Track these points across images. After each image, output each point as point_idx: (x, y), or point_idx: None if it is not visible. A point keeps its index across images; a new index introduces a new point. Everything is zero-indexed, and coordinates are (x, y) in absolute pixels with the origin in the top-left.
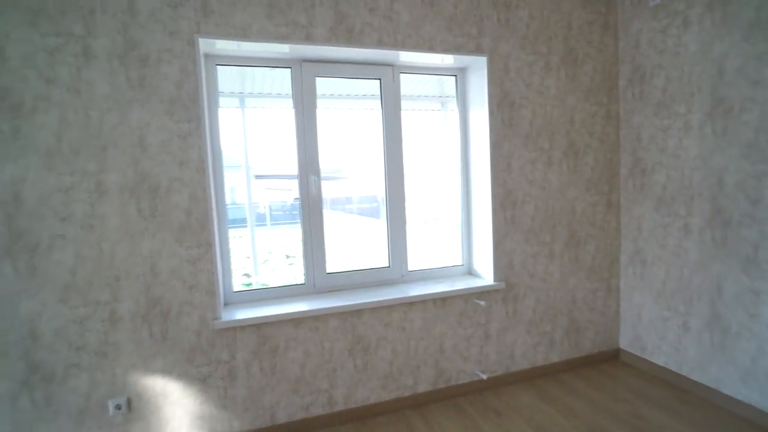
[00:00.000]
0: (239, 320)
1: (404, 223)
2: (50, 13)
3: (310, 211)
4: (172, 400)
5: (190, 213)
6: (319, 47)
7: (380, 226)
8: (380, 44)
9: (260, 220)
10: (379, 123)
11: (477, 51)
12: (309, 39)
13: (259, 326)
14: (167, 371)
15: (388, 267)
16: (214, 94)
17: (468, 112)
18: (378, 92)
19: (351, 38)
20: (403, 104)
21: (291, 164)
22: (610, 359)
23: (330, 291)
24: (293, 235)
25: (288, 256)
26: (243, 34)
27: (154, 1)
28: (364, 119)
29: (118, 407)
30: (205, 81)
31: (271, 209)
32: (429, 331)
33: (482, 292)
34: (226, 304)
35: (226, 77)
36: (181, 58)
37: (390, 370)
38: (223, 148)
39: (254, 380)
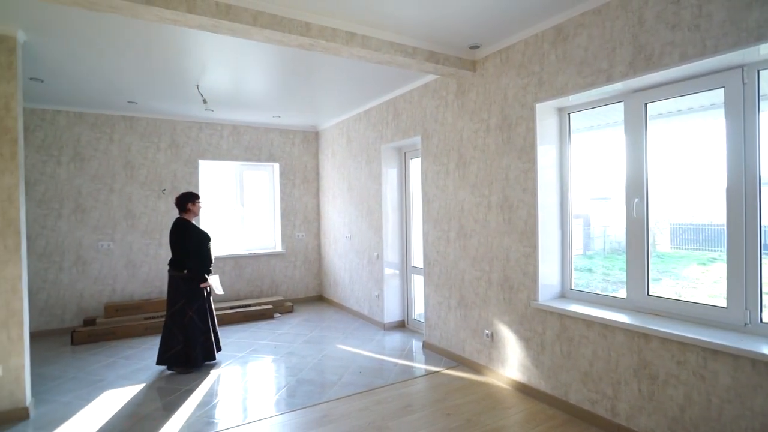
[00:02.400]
0: (546, 306)
1: (757, 257)
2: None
3: (631, 234)
4: (510, 344)
5: (527, 222)
6: (637, 78)
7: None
8: (683, 59)
9: None
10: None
11: None
12: (609, 80)
13: (561, 316)
14: (509, 324)
15: (725, 308)
16: (565, 135)
17: None
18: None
19: (649, 65)
20: None
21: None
22: None
23: (645, 311)
24: None
25: None
26: (562, 92)
27: (514, 89)
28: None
29: (488, 335)
30: (558, 128)
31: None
32: (742, 398)
33: None
34: (562, 296)
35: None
36: (526, 120)
37: (682, 417)
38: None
39: (556, 357)
